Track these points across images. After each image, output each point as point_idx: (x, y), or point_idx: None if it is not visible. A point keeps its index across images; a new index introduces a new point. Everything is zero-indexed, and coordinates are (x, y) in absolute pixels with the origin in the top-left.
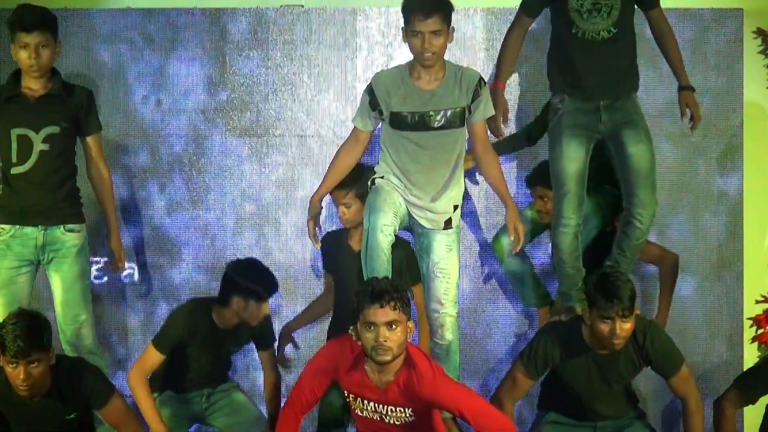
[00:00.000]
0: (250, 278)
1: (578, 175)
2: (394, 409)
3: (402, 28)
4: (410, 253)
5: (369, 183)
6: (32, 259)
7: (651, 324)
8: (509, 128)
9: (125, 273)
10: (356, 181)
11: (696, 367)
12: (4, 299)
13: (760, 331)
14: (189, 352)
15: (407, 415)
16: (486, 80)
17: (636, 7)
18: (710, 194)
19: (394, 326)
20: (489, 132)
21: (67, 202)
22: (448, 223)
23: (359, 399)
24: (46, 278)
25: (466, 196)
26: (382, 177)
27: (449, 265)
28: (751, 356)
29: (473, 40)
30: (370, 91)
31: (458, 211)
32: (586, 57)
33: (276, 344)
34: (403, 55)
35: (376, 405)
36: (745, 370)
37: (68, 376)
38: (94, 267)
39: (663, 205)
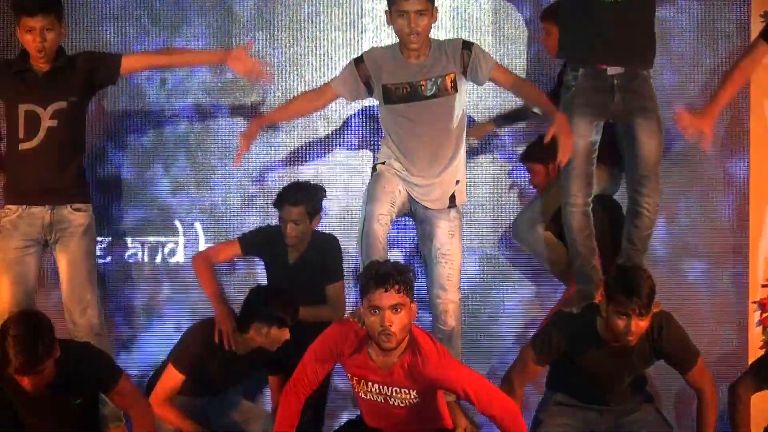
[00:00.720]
0: (273, 305)
1: (586, 152)
2: (398, 390)
3: (386, 10)
4: (336, 248)
5: (371, 169)
6: (39, 239)
7: (666, 317)
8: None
9: (129, 253)
10: (310, 199)
11: (704, 351)
12: (11, 279)
13: (765, 315)
14: (205, 370)
15: (412, 396)
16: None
17: None
18: (718, 178)
19: (398, 309)
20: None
21: (75, 181)
22: (452, 200)
23: (363, 381)
24: (51, 260)
25: (475, 180)
26: (383, 163)
27: (452, 251)
28: (755, 340)
29: (480, 22)
30: (359, 59)
31: (461, 186)
32: (599, 18)
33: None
34: None
35: (381, 387)
36: (759, 356)
37: (73, 363)
38: (98, 247)
39: (671, 190)
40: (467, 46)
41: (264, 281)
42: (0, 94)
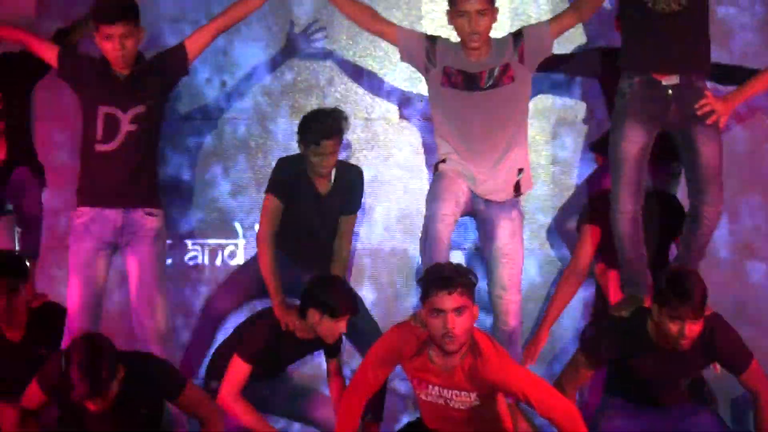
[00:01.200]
0: (328, 293)
1: (638, 159)
2: (458, 393)
3: (447, 10)
4: (362, 179)
5: (433, 168)
6: (111, 242)
7: (717, 319)
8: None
9: (189, 255)
10: (342, 127)
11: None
12: (82, 281)
13: None
14: (273, 356)
15: (472, 399)
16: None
17: None
18: None
19: (461, 312)
20: None
21: (149, 186)
22: (517, 190)
23: (424, 383)
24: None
25: (536, 181)
26: (444, 161)
27: (513, 251)
28: None
29: (538, 21)
30: (432, 36)
31: (526, 174)
32: (655, 28)
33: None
34: None
35: (441, 389)
36: None
37: (137, 377)
38: None
39: (734, 189)
40: (517, 34)
41: None
42: (80, 93)
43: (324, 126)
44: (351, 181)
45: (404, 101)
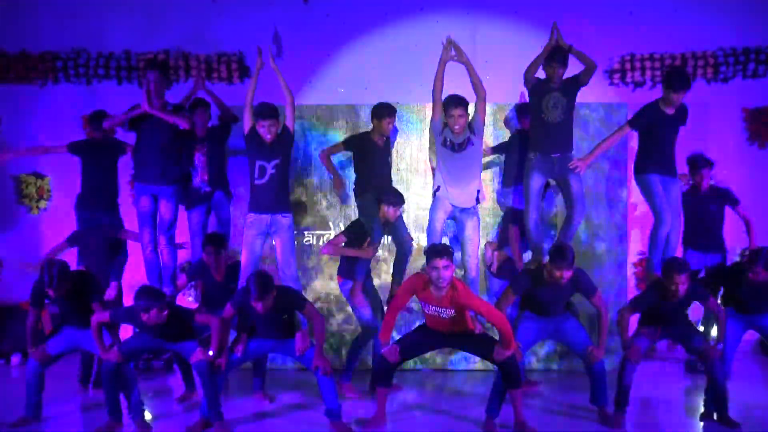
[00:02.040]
0: (391, 194)
1: (539, 191)
2: (445, 309)
3: (443, 113)
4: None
5: (432, 194)
6: (264, 232)
7: (579, 269)
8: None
9: (306, 239)
10: (396, 110)
11: (605, 290)
12: (248, 252)
13: (638, 270)
14: (358, 233)
15: (452, 313)
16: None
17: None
18: (612, 199)
19: (446, 268)
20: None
21: (283, 200)
22: (477, 201)
23: (427, 304)
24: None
25: (485, 205)
26: (438, 189)
27: (473, 238)
28: (631, 285)
29: (473, 116)
30: (446, 123)
31: (481, 192)
32: (548, 130)
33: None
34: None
35: (436, 308)
36: (636, 294)
37: (282, 297)
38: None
39: (589, 203)
40: (469, 125)
41: None
42: (248, 151)
43: (393, 108)
44: (390, 143)
45: (419, 159)
